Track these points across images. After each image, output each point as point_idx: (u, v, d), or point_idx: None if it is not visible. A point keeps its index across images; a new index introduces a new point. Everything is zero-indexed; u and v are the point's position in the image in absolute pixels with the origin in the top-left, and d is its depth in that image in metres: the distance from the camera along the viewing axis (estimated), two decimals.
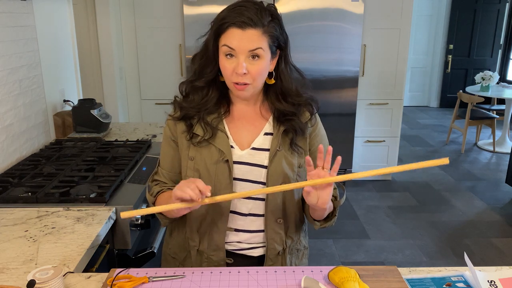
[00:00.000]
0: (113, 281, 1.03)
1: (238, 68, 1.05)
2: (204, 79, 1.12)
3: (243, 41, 1.04)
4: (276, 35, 1.08)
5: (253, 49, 1.04)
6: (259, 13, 1.05)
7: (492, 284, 1.05)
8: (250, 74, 1.06)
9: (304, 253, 1.32)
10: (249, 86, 1.08)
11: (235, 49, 1.05)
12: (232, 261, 1.21)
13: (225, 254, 1.19)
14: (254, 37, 1.04)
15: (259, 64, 1.06)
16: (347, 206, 3.65)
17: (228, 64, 1.07)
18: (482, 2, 6.76)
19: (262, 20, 1.04)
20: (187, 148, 1.16)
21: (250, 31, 1.04)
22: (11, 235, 1.29)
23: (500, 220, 3.43)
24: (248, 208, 1.18)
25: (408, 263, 2.82)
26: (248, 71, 1.06)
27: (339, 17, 3.59)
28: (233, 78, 1.07)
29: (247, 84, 1.08)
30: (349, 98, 3.81)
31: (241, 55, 1.05)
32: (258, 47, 1.05)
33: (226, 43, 1.05)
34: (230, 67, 1.06)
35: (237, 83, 1.08)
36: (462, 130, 5.12)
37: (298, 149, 1.17)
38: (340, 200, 1.21)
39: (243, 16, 1.03)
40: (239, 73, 1.05)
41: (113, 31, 3.47)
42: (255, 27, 1.04)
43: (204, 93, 1.14)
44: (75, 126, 2.35)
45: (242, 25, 1.03)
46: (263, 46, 1.05)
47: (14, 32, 1.92)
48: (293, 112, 1.15)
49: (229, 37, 1.05)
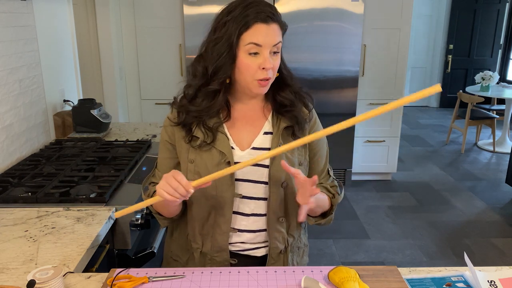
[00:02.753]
0: (113, 281, 1.03)
1: (266, 63, 1.04)
2: (218, 81, 1.08)
3: (269, 36, 1.04)
4: (284, 30, 1.10)
5: (276, 43, 1.05)
6: (273, 8, 1.06)
7: (492, 284, 1.05)
8: (273, 68, 1.07)
9: (304, 251, 1.33)
10: (270, 81, 1.09)
11: (262, 45, 1.03)
12: (236, 262, 1.21)
13: (229, 255, 1.19)
14: (276, 31, 1.05)
15: (278, 58, 1.08)
16: (347, 206, 3.65)
17: (252, 62, 1.05)
18: (482, 2, 6.76)
19: (277, 14, 1.06)
20: (186, 151, 1.15)
21: (273, 26, 1.05)
22: (11, 235, 1.29)
23: (500, 220, 3.43)
24: (250, 209, 1.18)
25: (408, 263, 2.82)
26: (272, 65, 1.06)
27: (339, 17, 3.59)
28: (258, 75, 1.06)
29: (269, 78, 1.08)
30: (349, 98, 3.81)
31: (266, 50, 1.04)
32: (280, 40, 1.06)
33: (252, 41, 1.03)
34: (254, 64, 1.05)
35: (262, 80, 1.06)
36: (462, 130, 5.12)
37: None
38: (338, 198, 1.22)
39: (265, 10, 1.03)
40: (267, 68, 1.05)
41: (113, 31, 3.47)
42: (276, 22, 1.05)
43: (214, 96, 1.10)
44: (75, 126, 2.35)
45: (267, 20, 1.03)
46: (281, 39, 1.07)
47: (14, 32, 1.92)
48: (292, 102, 1.15)
49: (255, 33, 1.03)
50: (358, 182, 4.15)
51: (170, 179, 0.98)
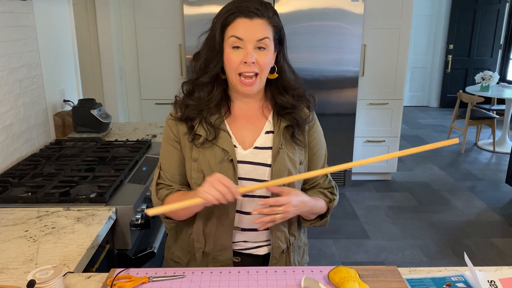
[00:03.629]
0: (113, 281, 1.03)
1: (247, 57, 1.05)
2: (208, 74, 1.11)
3: (251, 31, 1.05)
4: (279, 27, 1.11)
5: (261, 38, 1.06)
6: (263, 5, 1.07)
7: (492, 284, 1.05)
8: (258, 63, 1.07)
9: (304, 250, 1.34)
10: (256, 80, 1.09)
11: (243, 39, 1.05)
12: (239, 260, 1.21)
13: (232, 254, 1.19)
14: (261, 27, 1.06)
15: (266, 54, 1.08)
16: (347, 206, 3.65)
17: (235, 56, 1.06)
18: (482, 2, 6.76)
19: (267, 11, 1.07)
20: (190, 150, 1.15)
21: (257, 21, 1.05)
22: (11, 235, 1.29)
23: (500, 220, 3.43)
24: (253, 207, 1.18)
25: (408, 263, 2.82)
26: (256, 60, 1.06)
27: (339, 17, 3.59)
28: (240, 68, 1.07)
29: (255, 74, 1.08)
30: (349, 98, 3.81)
31: (249, 44, 1.06)
32: (265, 36, 1.06)
33: (234, 34, 1.05)
34: (237, 58, 1.06)
35: (245, 77, 1.07)
36: (462, 130, 5.12)
37: (299, 142, 1.18)
38: (334, 202, 1.23)
39: (249, 6, 1.05)
40: (248, 62, 1.05)
41: (113, 31, 3.47)
42: (261, 17, 1.06)
43: (209, 89, 1.13)
44: (75, 126, 2.35)
45: (250, 15, 1.05)
46: (269, 36, 1.07)
47: (14, 32, 1.92)
48: (293, 105, 1.16)
49: (237, 27, 1.05)
50: (358, 182, 4.15)
51: (216, 183, 0.99)
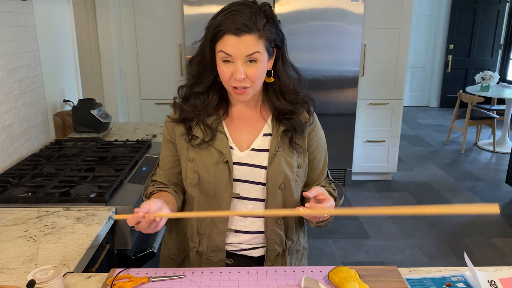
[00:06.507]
0: (113, 281, 1.03)
1: (236, 74, 1.04)
2: (203, 85, 1.12)
3: (240, 48, 1.02)
4: (272, 37, 1.07)
5: (250, 53, 1.03)
6: (253, 17, 1.03)
7: (492, 284, 1.05)
8: (248, 77, 1.06)
9: (303, 254, 1.32)
10: (248, 90, 1.08)
11: (232, 55, 1.04)
12: (232, 262, 1.21)
13: (225, 255, 1.19)
14: (250, 43, 1.03)
15: (256, 67, 1.05)
16: (347, 206, 3.65)
17: (226, 69, 1.06)
18: (482, 2, 6.76)
19: (257, 24, 1.03)
20: (186, 150, 1.16)
21: (246, 37, 1.02)
22: (11, 235, 1.29)
23: (500, 220, 3.43)
24: (248, 210, 1.18)
25: (408, 263, 2.82)
26: (246, 75, 1.05)
27: (339, 17, 3.59)
28: (232, 83, 1.07)
29: (247, 87, 1.07)
30: (349, 98, 3.81)
31: (238, 61, 1.04)
32: (255, 51, 1.04)
33: (222, 49, 1.04)
34: (228, 71, 1.06)
35: (236, 87, 1.07)
36: (462, 130, 5.12)
37: (298, 148, 1.17)
38: (338, 202, 1.22)
39: (237, 22, 1.01)
40: (238, 79, 1.05)
41: (113, 31, 3.47)
42: (251, 33, 1.02)
43: (204, 97, 1.14)
44: (75, 126, 2.35)
45: (237, 32, 1.01)
46: (260, 49, 1.04)
47: (14, 32, 1.92)
48: (292, 111, 1.14)
49: (225, 44, 1.03)
50: (358, 182, 4.15)
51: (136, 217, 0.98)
